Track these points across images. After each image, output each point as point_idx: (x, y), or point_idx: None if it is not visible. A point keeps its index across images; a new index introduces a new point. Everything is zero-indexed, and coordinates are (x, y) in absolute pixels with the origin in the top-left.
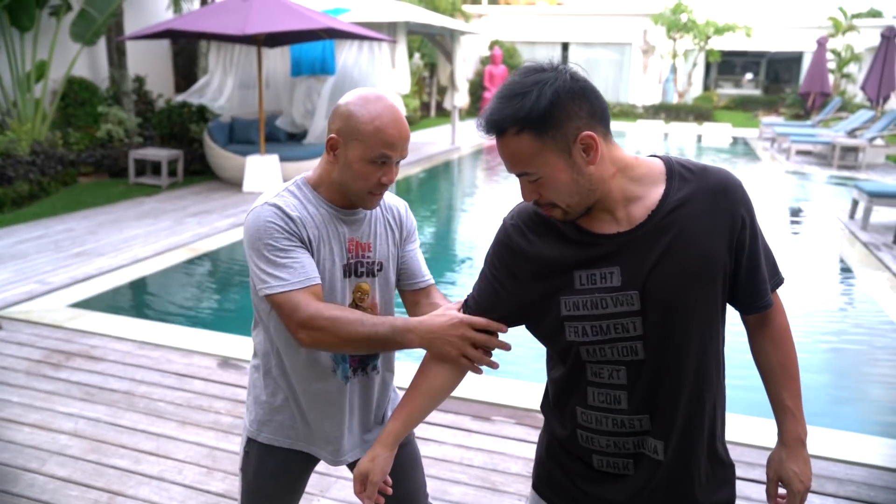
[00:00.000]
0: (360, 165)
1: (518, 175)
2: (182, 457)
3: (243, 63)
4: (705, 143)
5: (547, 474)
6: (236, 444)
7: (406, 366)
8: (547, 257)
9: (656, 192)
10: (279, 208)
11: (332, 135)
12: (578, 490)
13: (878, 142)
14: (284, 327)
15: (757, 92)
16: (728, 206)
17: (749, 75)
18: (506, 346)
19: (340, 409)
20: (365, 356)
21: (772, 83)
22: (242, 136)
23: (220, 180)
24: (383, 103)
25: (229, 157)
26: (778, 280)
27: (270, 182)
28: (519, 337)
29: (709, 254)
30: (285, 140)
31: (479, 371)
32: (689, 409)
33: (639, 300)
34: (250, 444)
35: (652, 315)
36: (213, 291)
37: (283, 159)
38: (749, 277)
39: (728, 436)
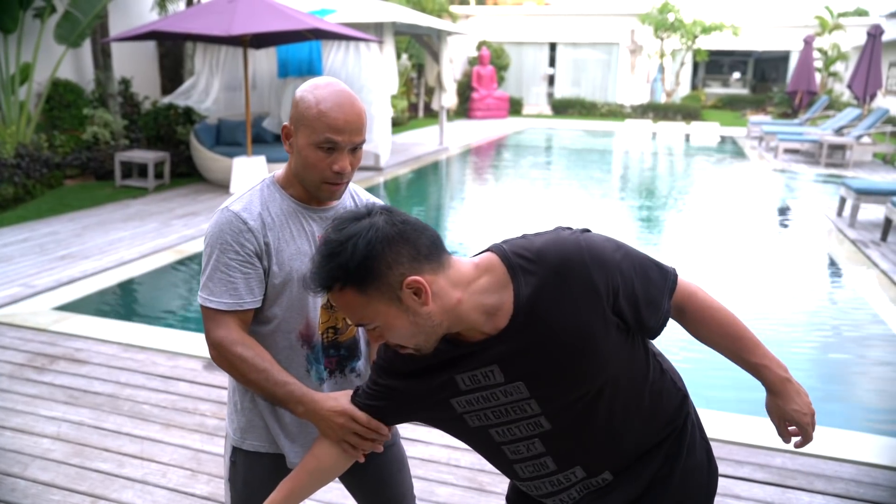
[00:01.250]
0: (307, 152)
1: (356, 325)
2: (166, 460)
3: (230, 65)
4: (693, 143)
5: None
6: (222, 447)
7: None
8: (425, 375)
9: (508, 296)
10: (237, 216)
11: (285, 123)
12: None
13: (865, 140)
14: (252, 332)
15: (744, 91)
16: (580, 280)
17: (737, 74)
18: (386, 437)
19: None
20: (343, 358)
21: (759, 82)
22: (229, 138)
23: (207, 182)
24: (331, 88)
25: (216, 158)
26: (670, 281)
27: None
28: None
29: (580, 330)
30: (272, 141)
31: (360, 457)
32: (614, 443)
33: (526, 388)
34: (236, 453)
35: (544, 396)
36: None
37: (270, 160)
38: (640, 314)
39: (716, 434)
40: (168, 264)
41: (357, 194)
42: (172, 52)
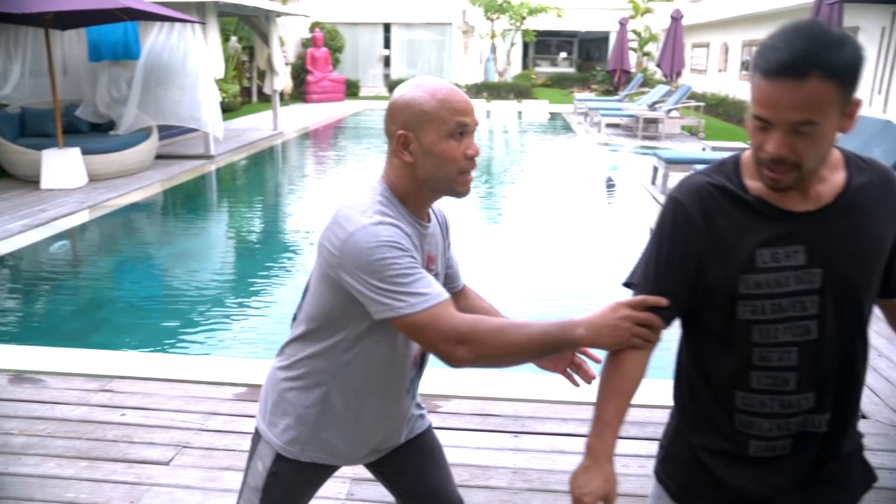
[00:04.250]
0: (441, 146)
1: (793, 124)
2: None
3: (33, 47)
4: (526, 120)
5: (688, 477)
6: (30, 466)
7: None
8: (727, 236)
9: (839, 176)
10: (396, 227)
11: (400, 131)
12: (728, 490)
13: (674, 114)
14: (427, 345)
15: (571, 70)
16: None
17: (563, 54)
18: (662, 325)
19: (401, 422)
20: (421, 367)
21: (584, 61)
22: (37, 129)
23: (12, 178)
24: (436, 80)
25: (21, 151)
26: None
27: (73, 177)
28: None
29: (881, 238)
30: (89, 131)
31: (650, 346)
32: (849, 384)
33: (821, 279)
34: (283, 463)
35: (830, 294)
36: (4, 300)
37: (86, 152)
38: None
39: (543, 395)
40: None
41: (434, 208)
42: None
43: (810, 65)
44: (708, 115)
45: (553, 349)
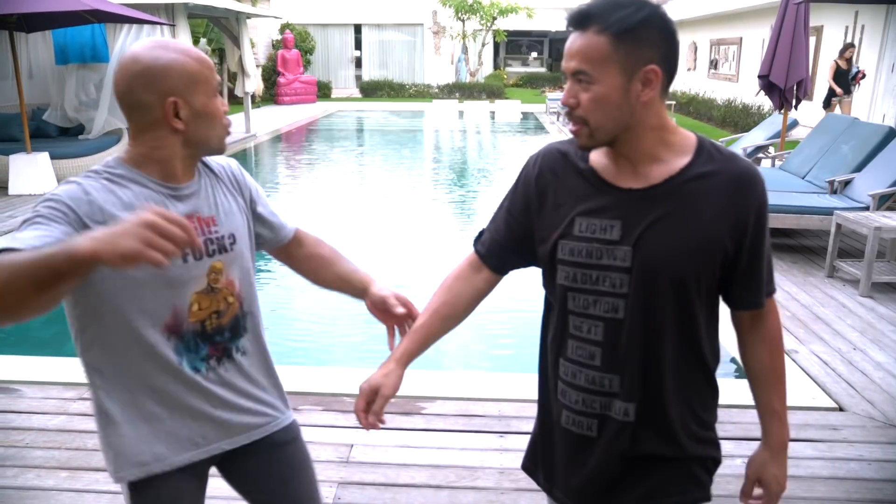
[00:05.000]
0: (211, 105)
1: (572, 73)
2: None
3: None
4: (499, 120)
5: (532, 446)
6: (8, 479)
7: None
8: (557, 199)
9: (681, 161)
10: (79, 185)
11: (170, 99)
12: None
13: None
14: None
15: (542, 69)
16: (745, 195)
17: (534, 54)
18: (191, 240)
19: (204, 402)
20: (229, 340)
21: (555, 61)
22: (3, 133)
23: None
24: (169, 41)
25: None
26: (771, 288)
27: (42, 182)
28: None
29: (710, 232)
30: (57, 135)
31: (162, 262)
32: (653, 376)
33: (631, 257)
34: (137, 493)
35: (640, 275)
36: None
37: (55, 157)
38: (748, 272)
39: (498, 394)
40: None
41: (208, 161)
42: None
43: (588, 18)
44: (678, 113)
45: (56, 268)
